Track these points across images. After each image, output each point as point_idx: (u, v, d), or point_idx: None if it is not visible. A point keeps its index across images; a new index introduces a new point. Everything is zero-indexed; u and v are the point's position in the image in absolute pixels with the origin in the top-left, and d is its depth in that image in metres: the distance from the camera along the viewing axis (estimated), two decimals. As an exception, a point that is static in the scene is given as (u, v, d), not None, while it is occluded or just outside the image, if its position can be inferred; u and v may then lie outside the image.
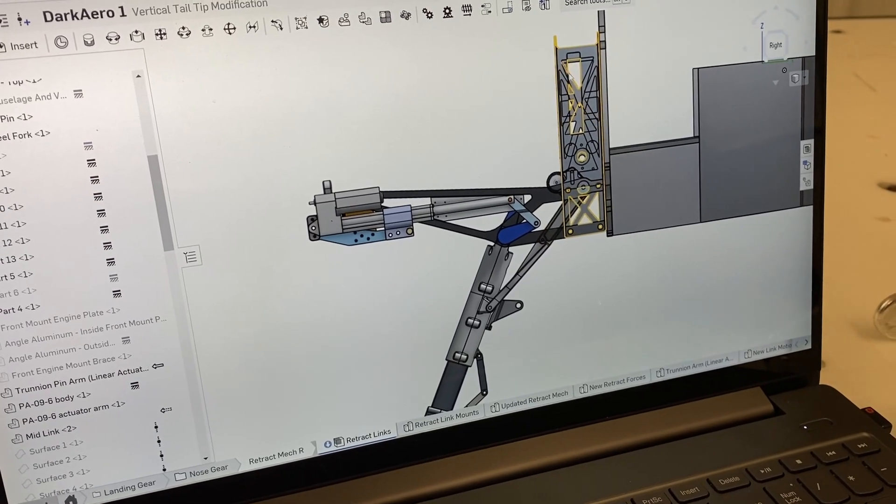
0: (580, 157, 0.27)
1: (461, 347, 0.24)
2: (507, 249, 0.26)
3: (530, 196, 0.27)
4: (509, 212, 0.26)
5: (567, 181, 0.27)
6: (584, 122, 0.27)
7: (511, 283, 0.26)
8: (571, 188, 0.27)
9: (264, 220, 0.38)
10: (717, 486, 0.41)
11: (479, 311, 0.24)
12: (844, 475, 0.41)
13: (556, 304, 0.32)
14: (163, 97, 0.36)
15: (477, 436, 0.43)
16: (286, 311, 0.39)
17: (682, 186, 0.30)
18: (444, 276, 0.27)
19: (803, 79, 0.43)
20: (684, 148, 0.29)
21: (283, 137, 0.37)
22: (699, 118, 0.28)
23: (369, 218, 0.24)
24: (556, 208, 0.27)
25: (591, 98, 0.27)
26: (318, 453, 0.41)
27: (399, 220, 0.25)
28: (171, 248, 0.37)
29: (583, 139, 0.27)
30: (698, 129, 0.29)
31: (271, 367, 0.39)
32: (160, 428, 0.38)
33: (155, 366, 0.38)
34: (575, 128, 0.27)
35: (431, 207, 0.26)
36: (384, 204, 0.26)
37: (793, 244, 0.46)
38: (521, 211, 0.26)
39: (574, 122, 0.26)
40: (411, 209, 0.26)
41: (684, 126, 0.30)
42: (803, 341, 0.47)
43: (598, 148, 0.27)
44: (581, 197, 0.27)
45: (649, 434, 0.44)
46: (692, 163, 0.30)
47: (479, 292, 0.24)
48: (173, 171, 0.36)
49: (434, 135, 0.29)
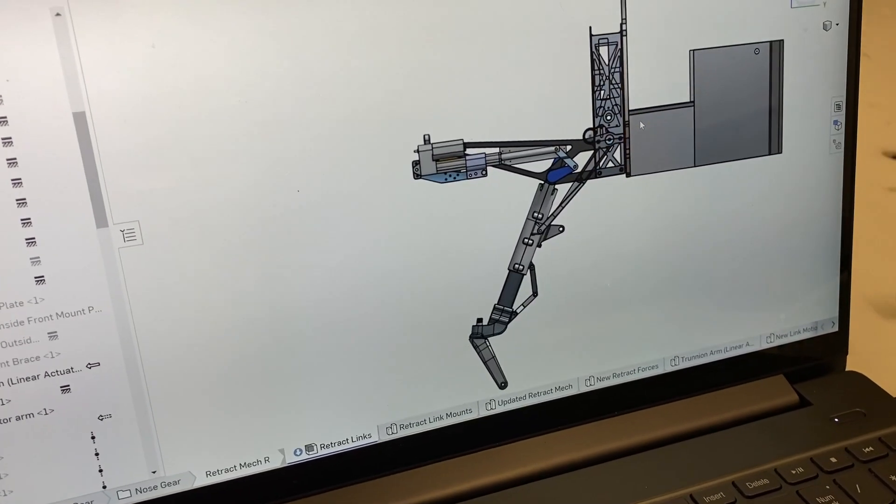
0: (607, 117, 0.34)
1: (519, 260, 0.31)
2: (553, 186, 0.32)
3: (570, 146, 0.34)
4: (555, 158, 0.33)
5: (597, 135, 0.34)
6: (610, 90, 0.34)
7: (556, 212, 0.32)
8: (600, 140, 0.34)
9: (221, 194, 0.32)
10: (745, 490, 0.36)
11: (532, 233, 0.31)
12: (885, 474, 0.36)
13: (586, 242, 0.36)
14: (89, 41, 0.29)
15: (470, 437, 0.37)
16: (245, 302, 0.33)
17: (680, 138, 0.36)
18: (508, 206, 0.33)
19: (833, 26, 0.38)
20: (683, 110, 0.36)
21: (244, 97, 0.31)
22: (694, 87, 0.35)
23: (456, 163, 0.30)
24: (589, 155, 0.34)
25: (616, 72, 0.34)
26: (288, 463, 0.35)
27: (476, 164, 0.31)
28: (105, 224, 0.31)
29: (609, 103, 0.34)
30: (693, 94, 0.36)
31: (229, 363, 0.33)
32: (98, 438, 0.32)
33: (89, 365, 0.32)
34: (603, 94, 0.34)
35: (499, 154, 0.32)
36: (466, 152, 0.32)
37: (819, 215, 0.41)
38: (564, 157, 0.33)
39: (603, 90, 0.34)
40: (485, 156, 0.32)
41: (682, 92, 0.36)
42: (829, 323, 0.42)
43: (620, 110, 0.35)
44: (608, 147, 0.34)
45: (664, 430, 0.39)
46: (688, 121, 0.36)
47: (533, 218, 0.31)
48: (105, 132, 0.30)
49: (500, 100, 0.33)
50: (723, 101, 0.36)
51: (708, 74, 0.34)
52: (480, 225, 0.33)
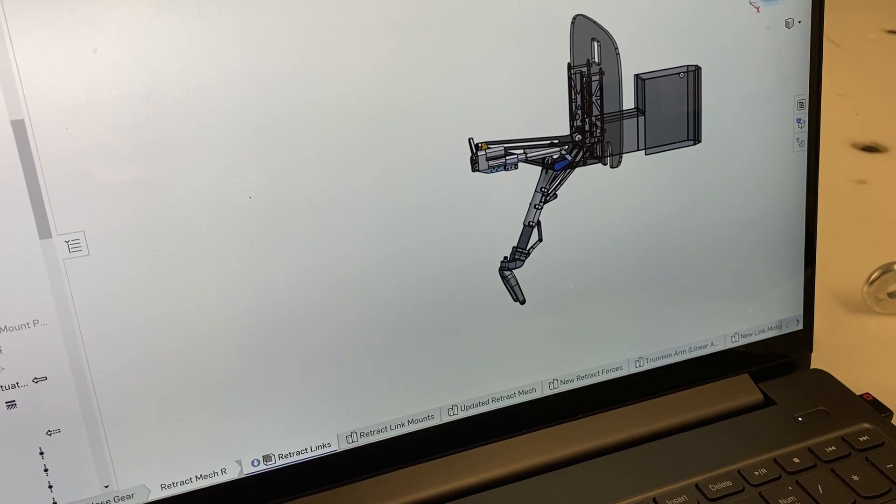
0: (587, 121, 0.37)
1: (532, 219, 0.35)
2: (554, 171, 0.36)
3: (568, 144, 0.37)
4: (559, 153, 0.36)
5: (585, 135, 0.37)
6: (593, 104, 0.37)
7: (556, 187, 0.36)
8: (587, 139, 0.37)
9: (169, 202, 0.31)
10: (708, 492, 0.36)
11: (538, 202, 0.36)
12: (847, 474, 0.36)
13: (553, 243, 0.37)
14: (27, 45, 0.28)
15: (432, 443, 0.37)
16: (198, 308, 0.32)
17: (630, 136, 0.38)
18: (525, 186, 0.36)
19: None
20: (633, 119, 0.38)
21: (190, 102, 0.30)
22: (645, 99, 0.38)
23: (502, 160, 0.35)
24: (577, 150, 0.37)
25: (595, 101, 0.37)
26: (245, 474, 0.34)
27: (512, 161, 0.35)
28: (49, 235, 0.30)
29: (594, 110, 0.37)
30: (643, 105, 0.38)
31: (182, 374, 0.32)
32: (47, 454, 0.32)
33: (36, 380, 0.31)
34: (587, 106, 0.37)
35: (525, 153, 0.36)
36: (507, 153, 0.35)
37: (783, 211, 0.41)
38: (564, 152, 0.37)
39: (586, 104, 0.37)
40: (517, 156, 0.36)
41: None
42: (794, 321, 0.42)
43: (599, 116, 0.37)
44: (591, 144, 0.37)
45: (628, 433, 0.39)
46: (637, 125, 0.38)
47: (540, 192, 0.36)
48: (47, 140, 0.29)
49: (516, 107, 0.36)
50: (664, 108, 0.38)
51: (652, 92, 0.37)
52: (505, 201, 0.36)
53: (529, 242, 0.36)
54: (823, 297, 0.51)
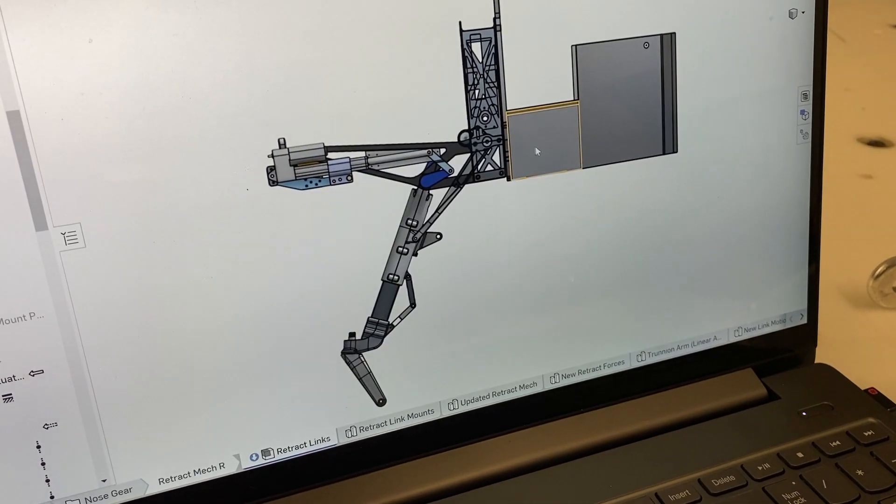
0: (484, 118, 0.32)
1: (393, 270, 0.30)
2: (428, 192, 0.31)
3: (445, 149, 0.32)
4: (428, 161, 0.31)
5: (474, 137, 0.32)
6: (485, 90, 0.32)
7: (432, 219, 0.31)
8: (477, 142, 0.32)
9: (166, 194, 0.30)
10: (711, 487, 0.35)
11: (406, 241, 0.30)
12: (852, 469, 0.36)
13: (476, 243, 0.34)
14: (22, 35, 0.28)
15: (433, 438, 0.37)
16: (196, 300, 0.32)
17: (565, 139, 0.34)
18: (378, 215, 0.31)
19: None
20: (567, 109, 0.33)
21: (186, 93, 0.30)
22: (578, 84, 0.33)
23: (316, 168, 0.29)
24: (466, 159, 0.32)
25: (491, 70, 0.32)
26: (244, 468, 0.34)
27: (340, 169, 0.29)
28: (45, 227, 0.30)
29: (485, 103, 0.32)
30: (577, 93, 0.33)
31: (180, 367, 0.32)
32: (44, 448, 0.31)
33: (32, 373, 0.31)
34: (479, 94, 0.32)
35: (366, 159, 0.30)
36: (328, 157, 0.30)
37: (787, 205, 0.40)
38: (438, 161, 0.31)
39: (478, 90, 0.32)
40: (350, 161, 0.30)
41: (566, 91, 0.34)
42: (798, 315, 0.42)
43: (497, 110, 0.33)
44: (486, 149, 0.32)
45: (630, 427, 0.39)
46: (573, 120, 0.34)
47: (406, 226, 0.29)
48: (43, 131, 0.29)
49: (365, 101, 0.31)
50: (611, 98, 0.34)
51: (593, 71, 0.32)
52: (348, 234, 0.31)
53: (392, 309, 0.28)
54: (828, 292, 0.51)
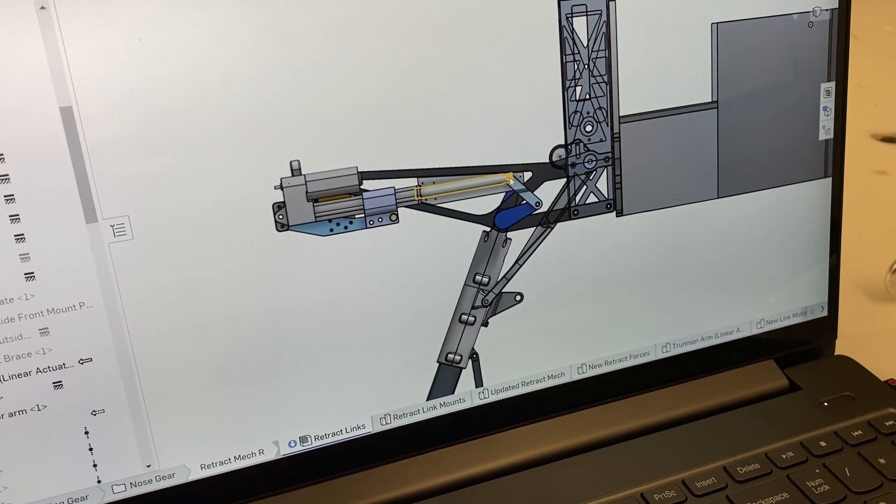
0: (587, 127, 0.23)
1: (454, 348, 0.21)
2: (505, 235, 0.22)
3: (531, 173, 0.23)
4: (507, 192, 0.22)
5: (572, 155, 0.23)
6: (591, 87, 0.23)
7: (510, 274, 0.22)
8: (577, 163, 0.23)
9: (212, 188, 0.31)
10: (736, 475, 0.36)
11: (473, 306, 0.21)
12: (874, 458, 0.37)
13: (558, 292, 0.28)
14: (75, 33, 0.29)
15: (464, 426, 0.37)
16: (238, 297, 0.33)
17: (698, 158, 0.26)
18: (434, 269, 0.23)
19: (827, 15, 0.38)
20: (702, 114, 0.25)
21: (232, 90, 0.31)
22: (719, 80, 0.25)
23: (347, 203, 0.20)
24: (560, 186, 0.24)
25: (600, 59, 0.23)
26: (282, 454, 0.35)
27: (381, 204, 0.21)
28: (95, 219, 0.30)
29: (590, 106, 0.23)
30: (717, 92, 0.25)
31: (222, 357, 0.33)
32: (92, 433, 0.32)
33: (81, 361, 0.32)
34: (581, 93, 0.23)
35: (418, 189, 0.21)
36: (363, 186, 0.22)
37: (809, 200, 0.41)
38: (521, 191, 0.22)
39: (580, 87, 0.23)
40: (395, 192, 0.22)
41: (703, 90, 0.26)
42: (819, 308, 0.43)
43: (606, 116, 0.24)
44: (588, 172, 0.23)
45: (656, 416, 0.39)
46: (710, 131, 0.26)
47: (474, 285, 0.20)
48: (93, 126, 0.30)
49: (419, 104, 0.23)
50: (759, 96, 0.26)
51: (737, 61, 0.23)
52: (388, 299, 0.24)
53: (455, 389, 0.19)
54: (847, 286, 0.52)
